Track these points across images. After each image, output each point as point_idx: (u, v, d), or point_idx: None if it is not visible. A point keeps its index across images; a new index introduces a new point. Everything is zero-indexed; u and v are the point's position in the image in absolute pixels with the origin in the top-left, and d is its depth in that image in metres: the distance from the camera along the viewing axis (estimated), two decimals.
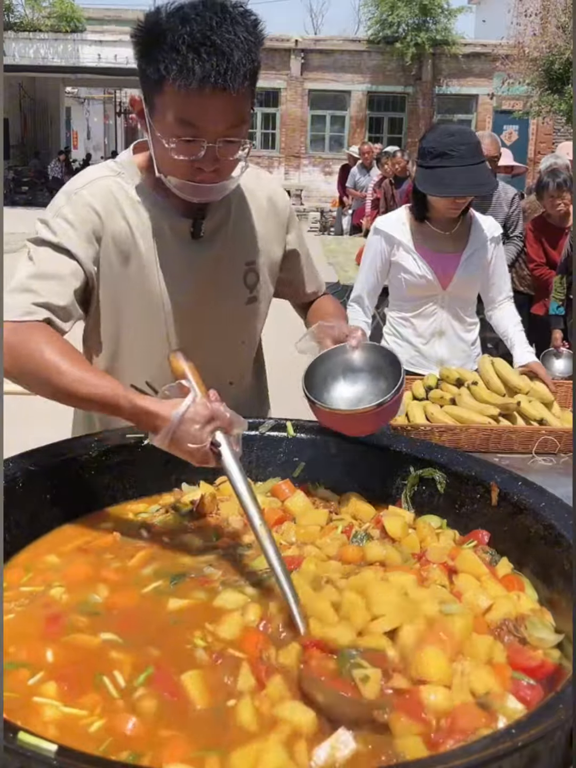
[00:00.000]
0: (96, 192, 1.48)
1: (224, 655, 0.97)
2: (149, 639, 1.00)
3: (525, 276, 5.14)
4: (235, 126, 1.34)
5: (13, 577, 1.14)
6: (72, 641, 1.00)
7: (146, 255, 1.50)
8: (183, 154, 1.33)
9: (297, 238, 1.73)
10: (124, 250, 1.49)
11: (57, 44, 21.68)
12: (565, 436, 2.18)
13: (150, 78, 1.31)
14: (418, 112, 22.06)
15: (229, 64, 1.25)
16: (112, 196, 1.48)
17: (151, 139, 1.39)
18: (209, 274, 1.56)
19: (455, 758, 0.72)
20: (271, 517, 1.30)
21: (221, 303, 1.59)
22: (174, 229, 1.51)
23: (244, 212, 1.60)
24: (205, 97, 1.27)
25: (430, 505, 1.35)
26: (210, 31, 1.24)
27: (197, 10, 1.26)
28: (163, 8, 1.29)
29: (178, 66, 1.25)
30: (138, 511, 1.36)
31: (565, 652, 0.98)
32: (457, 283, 2.69)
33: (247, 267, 1.61)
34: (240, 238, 1.59)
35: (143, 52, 1.32)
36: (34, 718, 0.86)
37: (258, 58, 1.31)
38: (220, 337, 1.61)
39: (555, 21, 15.20)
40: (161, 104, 1.33)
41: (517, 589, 1.12)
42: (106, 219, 1.47)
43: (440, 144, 2.50)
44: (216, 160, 1.35)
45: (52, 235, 1.43)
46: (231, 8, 1.28)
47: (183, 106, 1.29)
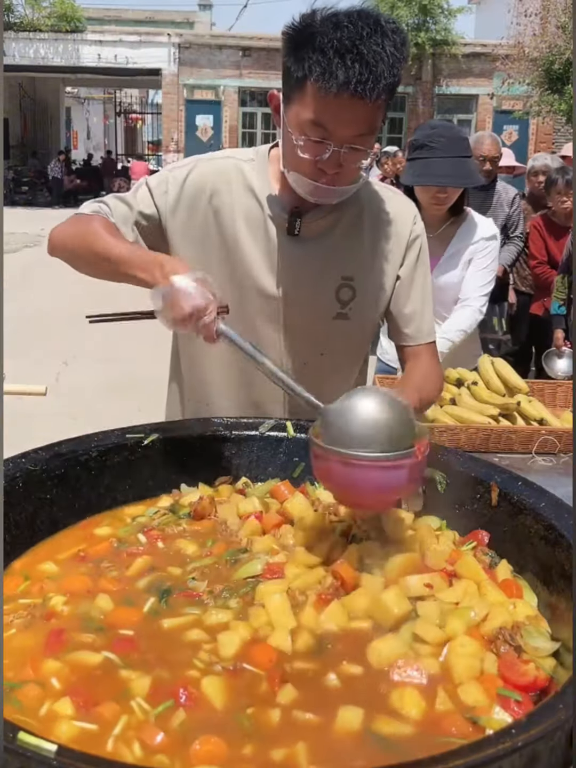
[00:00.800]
0: (216, 166, 1.59)
1: (236, 667, 0.97)
2: (154, 660, 0.99)
3: (527, 276, 5.13)
4: (364, 135, 1.37)
5: (11, 585, 1.14)
6: (77, 658, 0.98)
7: (241, 235, 1.56)
8: (308, 152, 1.37)
9: (412, 268, 1.63)
10: (220, 224, 1.57)
11: (57, 44, 21.68)
12: (565, 436, 2.18)
13: (293, 75, 1.35)
14: (418, 112, 22.05)
15: (371, 74, 1.28)
16: (227, 175, 1.58)
17: (282, 133, 1.44)
18: (298, 274, 1.57)
19: (455, 758, 0.72)
20: (270, 521, 1.30)
21: (303, 307, 1.59)
22: (274, 221, 1.56)
23: (357, 226, 1.59)
24: (341, 103, 1.30)
25: (430, 505, 1.34)
26: (359, 40, 1.27)
27: (351, 18, 1.30)
28: (319, 11, 1.33)
29: (322, 68, 1.28)
30: (136, 515, 1.36)
31: (561, 660, 0.98)
32: (435, 284, 2.66)
33: (343, 281, 1.58)
34: (343, 249, 1.58)
35: (291, 49, 1.36)
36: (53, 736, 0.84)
37: (400, 74, 1.34)
38: (296, 339, 1.61)
39: (555, 21, 15.19)
40: (298, 102, 1.37)
41: (515, 595, 1.12)
42: (212, 191, 1.57)
43: (422, 136, 2.53)
44: (339, 164, 1.38)
45: (154, 182, 1.60)
46: (384, 22, 1.31)
47: (319, 107, 1.33)
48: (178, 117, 22.01)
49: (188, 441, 1.45)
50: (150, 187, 1.58)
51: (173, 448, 1.43)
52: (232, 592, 1.12)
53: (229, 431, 1.46)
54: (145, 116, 38.28)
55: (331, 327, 1.60)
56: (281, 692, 0.92)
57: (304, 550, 1.21)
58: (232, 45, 21.53)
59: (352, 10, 1.32)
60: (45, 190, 22.87)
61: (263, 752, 0.84)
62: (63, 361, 6.52)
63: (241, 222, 1.56)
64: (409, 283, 1.63)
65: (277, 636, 1.02)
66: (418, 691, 0.93)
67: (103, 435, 1.41)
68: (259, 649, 1.00)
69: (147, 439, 1.40)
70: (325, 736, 0.86)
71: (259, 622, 1.05)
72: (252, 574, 1.16)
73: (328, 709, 0.90)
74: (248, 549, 1.24)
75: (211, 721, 0.88)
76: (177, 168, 1.61)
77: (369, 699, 0.92)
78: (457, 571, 1.16)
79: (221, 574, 1.18)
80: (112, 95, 34.86)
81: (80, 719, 0.88)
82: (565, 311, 4.00)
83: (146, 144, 36.92)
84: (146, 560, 1.21)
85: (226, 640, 1.01)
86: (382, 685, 0.94)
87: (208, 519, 1.34)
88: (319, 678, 0.96)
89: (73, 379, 6.16)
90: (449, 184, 2.57)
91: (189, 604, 1.10)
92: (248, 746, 0.84)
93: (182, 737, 0.85)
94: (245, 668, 0.97)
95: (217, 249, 1.58)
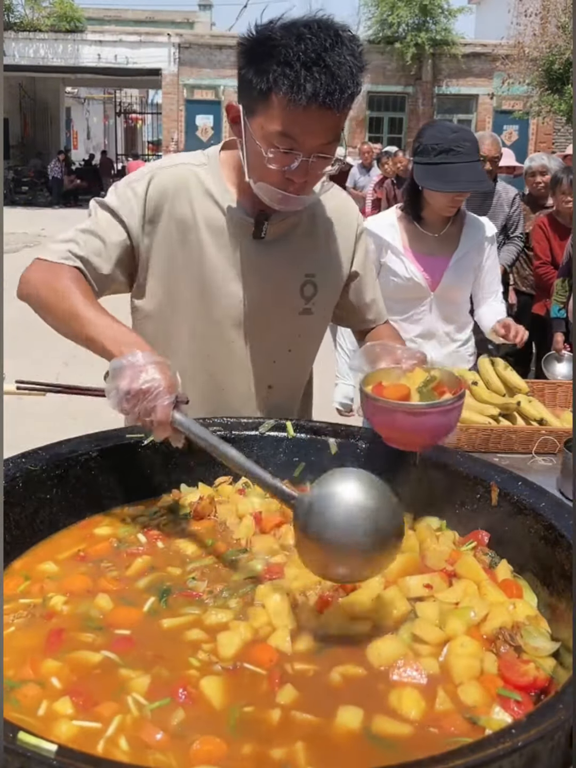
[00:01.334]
0: (172, 174, 1.57)
1: (236, 667, 0.97)
2: (153, 659, 0.99)
3: (527, 276, 5.12)
4: (330, 143, 1.39)
5: (11, 585, 1.14)
6: (77, 658, 0.98)
7: (206, 244, 1.56)
8: (277, 163, 1.38)
9: (363, 260, 1.75)
10: (184, 235, 1.56)
11: (57, 44, 21.69)
12: (565, 436, 2.18)
13: (255, 87, 1.35)
14: (418, 112, 22.05)
15: (338, 85, 1.30)
16: (185, 182, 1.56)
17: (245, 143, 1.43)
18: (266, 276, 1.60)
19: (455, 758, 0.72)
20: (270, 521, 1.30)
21: (274, 307, 1.62)
22: (238, 226, 1.56)
23: (314, 224, 1.64)
24: (310, 114, 1.32)
25: (430, 505, 1.34)
26: (324, 51, 1.29)
27: (312, 29, 1.30)
28: (275, 22, 1.34)
29: (290, 81, 1.29)
30: (135, 515, 1.36)
31: (561, 660, 0.98)
32: (445, 286, 2.68)
33: (306, 278, 1.63)
34: (303, 248, 1.62)
35: (251, 62, 1.36)
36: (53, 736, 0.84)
37: (361, 83, 1.35)
38: (267, 340, 1.64)
39: (555, 21, 15.20)
40: (263, 114, 1.37)
41: (515, 595, 1.12)
42: (173, 201, 1.55)
43: (445, 140, 2.49)
44: (306, 173, 1.40)
45: (115, 201, 1.54)
46: (341, 32, 1.33)
47: (287, 119, 1.34)
48: (178, 117, 22.02)
49: (188, 441, 1.44)
50: (113, 209, 1.53)
51: (173, 448, 1.43)
52: (231, 592, 1.13)
53: (229, 431, 1.46)
54: (145, 116, 38.26)
55: (297, 323, 1.66)
56: (281, 692, 0.92)
57: None
58: (232, 45, 21.49)
59: (311, 21, 1.33)
60: (45, 190, 22.86)
61: (263, 752, 0.84)
62: (63, 361, 6.52)
63: (203, 230, 1.56)
64: (364, 275, 1.75)
65: (277, 636, 1.02)
66: (418, 691, 0.93)
67: (103, 435, 1.41)
68: (260, 649, 1.00)
69: (147, 439, 1.39)
70: (325, 736, 0.86)
71: (259, 622, 1.05)
72: (252, 575, 1.16)
73: (328, 709, 0.90)
74: (248, 549, 1.24)
75: (211, 721, 0.88)
76: (134, 181, 1.57)
77: (369, 699, 0.92)
78: (456, 571, 1.16)
79: (221, 574, 1.18)
80: (112, 95, 34.84)
81: (80, 719, 0.88)
82: (564, 314, 3.99)
83: (146, 144, 36.92)
84: (146, 560, 1.21)
85: (225, 641, 1.01)
86: (382, 685, 0.94)
87: (207, 519, 1.34)
88: (319, 678, 0.96)
89: (73, 379, 6.14)
90: (477, 188, 2.60)
91: (189, 604, 1.10)
92: (247, 745, 0.84)
93: (182, 736, 0.85)
94: (245, 668, 0.97)
95: (182, 261, 1.57)
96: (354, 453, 1.43)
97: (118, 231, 1.53)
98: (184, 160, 1.61)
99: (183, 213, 1.55)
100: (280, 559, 1.19)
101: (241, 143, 1.44)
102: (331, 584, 1.11)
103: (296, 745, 0.84)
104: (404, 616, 1.05)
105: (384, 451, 1.41)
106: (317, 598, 1.09)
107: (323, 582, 1.12)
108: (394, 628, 1.03)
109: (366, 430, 1.49)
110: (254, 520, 1.30)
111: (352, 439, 1.45)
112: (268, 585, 1.12)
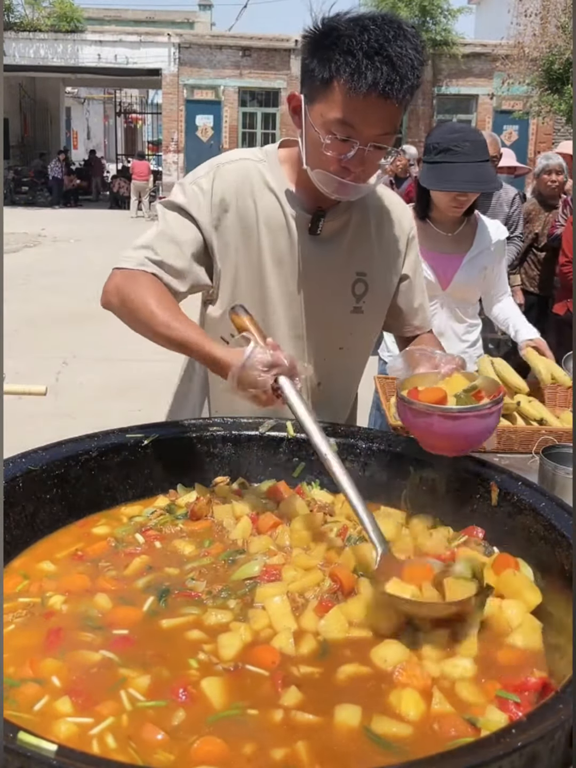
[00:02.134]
0: (236, 169, 1.59)
1: (237, 668, 0.97)
2: (153, 659, 0.99)
3: (535, 277, 5.11)
4: (387, 134, 1.41)
5: (10, 584, 1.14)
6: (76, 657, 0.98)
7: (265, 237, 1.58)
8: (334, 150, 1.40)
9: (414, 264, 1.75)
10: (246, 228, 1.58)
11: (57, 44, 21.67)
12: (565, 436, 2.18)
13: (317, 76, 1.38)
14: (418, 112, 22.04)
15: (398, 75, 1.32)
16: (249, 177, 1.59)
17: (304, 132, 1.46)
18: (319, 272, 1.61)
19: (455, 758, 0.72)
20: (266, 522, 1.30)
21: (325, 303, 1.64)
22: (295, 221, 1.58)
23: (366, 223, 1.65)
24: (369, 103, 1.34)
25: (430, 505, 1.34)
26: (386, 42, 1.32)
27: (376, 22, 1.34)
28: (342, 15, 1.37)
29: (351, 69, 1.32)
30: (133, 515, 1.36)
31: (553, 658, 0.98)
32: (456, 285, 2.69)
33: (358, 276, 1.65)
34: (356, 246, 1.64)
35: (315, 51, 1.39)
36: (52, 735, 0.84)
37: (421, 76, 1.38)
38: (318, 336, 1.66)
39: (555, 21, 15.19)
40: (323, 102, 1.39)
41: (513, 566, 1.14)
42: (237, 195, 1.57)
43: (445, 140, 2.51)
44: (362, 162, 1.42)
45: (183, 199, 1.57)
46: (405, 27, 1.36)
47: (347, 107, 1.36)
48: (178, 117, 22.00)
49: (188, 441, 1.45)
50: (182, 207, 1.56)
51: (173, 448, 1.43)
52: (230, 592, 1.13)
53: (229, 431, 1.46)
54: (145, 116, 38.27)
55: (348, 321, 1.67)
56: (285, 695, 0.92)
57: (301, 552, 1.21)
58: (232, 45, 21.52)
59: (377, 15, 1.36)
60: (45, 190, 22.86)
61: (263, 752, 0.84)
62: (63, 361, 6.52)
63: (262, 224, 1.58)
64: (414, 279, 1.76)
65: (280, 638, 1.02)
66: (418, 692, 0.93)
67: (103, 435, 1.41)
68: (263, 650, 1.00)
69: (147, 439, 1.40)
70: (325, 737, 0.86)
71: (260, 624, 1.05)
72: (250, 575, 1.16)
73: (330, 710, 0.90)
74: (245, 550, 1.24)
75: (211, 721, 0.88)
76: (199, 178, 1.58)
77: (370, 701, 0.92)
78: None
79: (219, 575, 1.18)
80: (112, 95, 34.83)
81: (79, 718, 0.88)
82: None
83: (146, 144, 36.91)
84: (144, 560, 1.21)
85: (226, 642, 1.01)
86: (384, 687, 0.94)
87: (204, 520, 1.34)
88: (322, 681, 0.96)
89: (73, 379, 6.16)
90: (475, 189, 2.60)
91: (188, 604, 1.10)
92: (248, 746, 0.84)
93: (182, 736, 0.85)
94: (247, 669, 0.97)
95: (243, 257, 1.59)
96: (354, 453, 1.43)
97: (189, 228, 1.55)
98: (246, 156, 1.63)
99: (246, 207, 1.57)
100: (277, 560, 1.19)
101: (300, 133, 1.48)
102: (330, 588, 1.11)
103: (297, 745, 0.84)
104: (403, 621, 1.05)
105: (384, 451, 1.42)
106: (317, 603, 1.09)
107: (321, 584, 1.12)
108: (394, 634, 1.03)
109: (366, 430, 1.49)
110: (251, 521, 1.30)
111: (352, 439, 1.45)
112: (267, 587, 1.12)
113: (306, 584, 1.12)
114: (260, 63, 21.02)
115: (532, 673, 0.97)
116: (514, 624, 1.05)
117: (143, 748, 0.84)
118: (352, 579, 1.13)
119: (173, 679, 0.94)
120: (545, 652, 1.02)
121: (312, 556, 1.20)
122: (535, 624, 1.05)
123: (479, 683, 0.95)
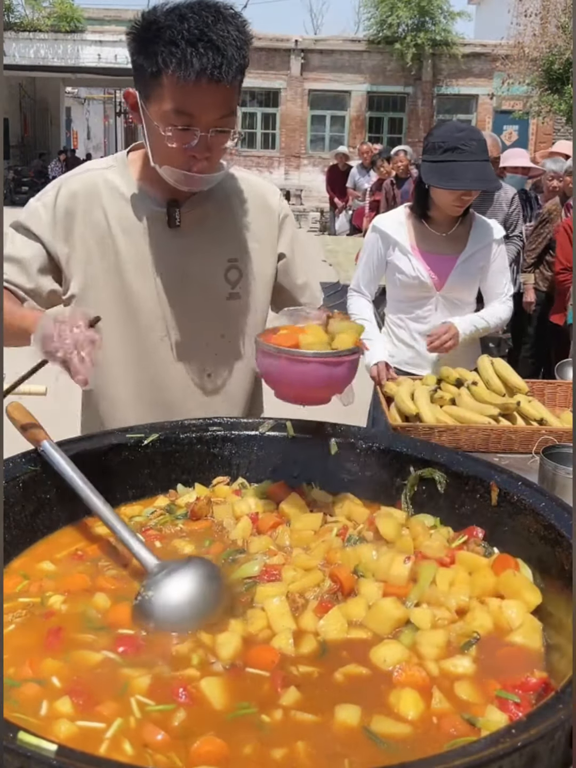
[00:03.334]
0: (81, 181, 1.62)
1: (236, 666, 0.97)
2: (154, 659, 0.99)
3: (548, 277, 5.09)
4: (226, 116, 1.44)
5: (10, 584, 1.14)
6: (76, 657, 0.98)
7: (122, 242, 1.60)
8: (177, 141, 1.43)
9: (290, 242, 1.76)
10: (100, 237, 1.60)
11: (57, 44, 21.67)
12: (565, 436, 2.18)
13: (147, 71, 1.40)
14: (418, 113, 22.06)
15: (224, 58, 1.35)
16: (95, 186, 1.61)
17: (146, 130, 1.48)
18: (185, 264, 1.62)
19: (455, 758, 0.72)
20: (266, 521, 1.30)
21: (197, 294, 1.65)
22: (151, 218, 1.60)
23: (230, 209, 1.67)
24: (201, 89, 1.37)
25: (430, 505, 1.34)
26: (206, 27, 1.34)
27: (193, 9, 1.37)
28: (159, 7, 1.39)
29: (177, 59, 1.34)
30: (133, 515, 1.36)
31: (553, 658, 0.98)
32: (451, 285, 2.69)
33: (230, 263, 1.66)
34: (222, 233, 1.65)
35: (141, 47, 1.41)
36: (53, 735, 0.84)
37: (247, 56, 1.41)
38: (194, 327, 1.66)
39: (555, 21, 15.20)
40: (158, 96, 1.41)
41: (513, 566, 1.14)
42: (84, 206, 1.60)
43: (451, 138, 2.51)
44: (208, 148, 1.44)
45: (25, 218, 1.61)
46: (223, 9, 1.39)
47: (180, 96, 1.38)
48: None
49: (188, 441, 1.45)
50: (22, 225, 1.60)
51: (173, 448, 1.43)
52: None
53: (229, 431, 1.46)
54: None
55: (225, 308, 1.68)
56: (285, 695, 0.92)
57: (301, 552, 1.21)
58: None
59: (193, 2, 1.38)
60: None
61: (263, 752, 0.84)
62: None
63: (118, 230, 1.60)
64: (293, 257, 1.78)
65: (280, 638, 1.02)
66: (418, 692, 0.93)
67: (103, 435, 1.41)
68: (262, 650, 1.00)
69: (147, 439, 1.40)
70: (325, 737, 0.86)
71: (259, 624, 1.05)
72: (249, 575, 1.16)
73: (329, 710, 0.90)
74: (245, 550, 1.24)
75: (212, 721, 0.88)
76: (43, 194, 1.63)
77: (370, 701, 0.92)
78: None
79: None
80: (112, 95, 34.81)
81: (80, 718, 0.87)
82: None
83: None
84: None
85: (225, 641, 1.01)
86: (384, 687, 0.94)
87: (204, 519, 1.34)
88: (322, 681, 0.96)
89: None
90: (483, 187, 2.60)
91: None
92: (248, 746, 0.84)
93: (183, 736, 0.85)
94: (246, 669, 0.97)
95: (100, 266, 1.60)
96: (354, 453, 1.43)
97: (30, 245, 1.59)
98: (92, 167, 1.67)
99: (96, 217, 1.60)
100: (277, 560, 1.19)
101: (142, 130, 1.49)
102: (329, 588, 1.11)
103: (297, 744, 0.84)
104: (402, 622, 1.05)
105: (384, 451, 1.42)
106: (317, 603, 1.09)
107: (321, 584, 1.12)
108: (393, 634, 1.04)
109: (366, 430, 1.49)
110: (251, 521, 1.30)
111: (352, 439, 1.45)
112: (267, 587, 1.12)
113: (306, 584, 1.12)
114: (260, 63, 21.00)
115: (532, 673, 0.96)
116: (514, 624, 1.05)
117: (143, 748, 0.84)
118: (352, 579, 1.13)
119: (173, 679, 0.94)
120: (545, 652, 1.02)
121: (312, 556, 1.20)
122: (535, 624, 1.05)
123: (479, 683, 0.95)
